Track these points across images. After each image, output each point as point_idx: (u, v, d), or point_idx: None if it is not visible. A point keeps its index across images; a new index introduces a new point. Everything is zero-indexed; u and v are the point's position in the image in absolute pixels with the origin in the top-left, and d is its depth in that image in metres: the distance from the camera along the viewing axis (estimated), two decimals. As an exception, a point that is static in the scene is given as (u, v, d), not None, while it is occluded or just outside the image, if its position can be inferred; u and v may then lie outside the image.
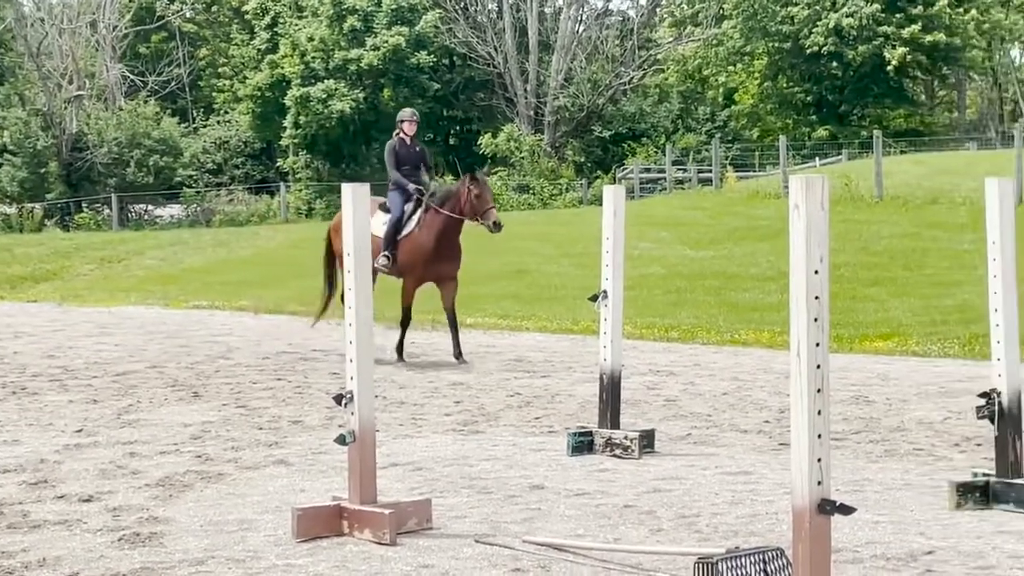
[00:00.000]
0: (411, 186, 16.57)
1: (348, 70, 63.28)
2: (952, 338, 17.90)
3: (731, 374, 15.11)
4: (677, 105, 70.36)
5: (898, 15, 64.39)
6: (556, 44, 69.06)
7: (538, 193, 59.61)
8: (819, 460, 5.41)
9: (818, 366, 5.45)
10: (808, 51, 65.81)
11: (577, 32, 70.90)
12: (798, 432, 5.44)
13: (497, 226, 16.18)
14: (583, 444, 9.89)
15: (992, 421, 7.94)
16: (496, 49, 68.25)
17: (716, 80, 71.76)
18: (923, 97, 78.74)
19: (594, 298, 10.12)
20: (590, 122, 68.17)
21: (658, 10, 77.46)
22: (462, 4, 68.68)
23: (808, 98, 69.10)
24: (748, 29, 67.61)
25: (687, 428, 11.22)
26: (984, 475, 8.08)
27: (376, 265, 16.07)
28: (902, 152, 53.24)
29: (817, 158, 55.65)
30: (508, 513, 7.83)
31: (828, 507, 5.41)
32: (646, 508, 7.94)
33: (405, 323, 16.89)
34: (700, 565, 6.05)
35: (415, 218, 16.58)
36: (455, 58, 70.65)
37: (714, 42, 69.90)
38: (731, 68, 70.89)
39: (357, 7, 63.41)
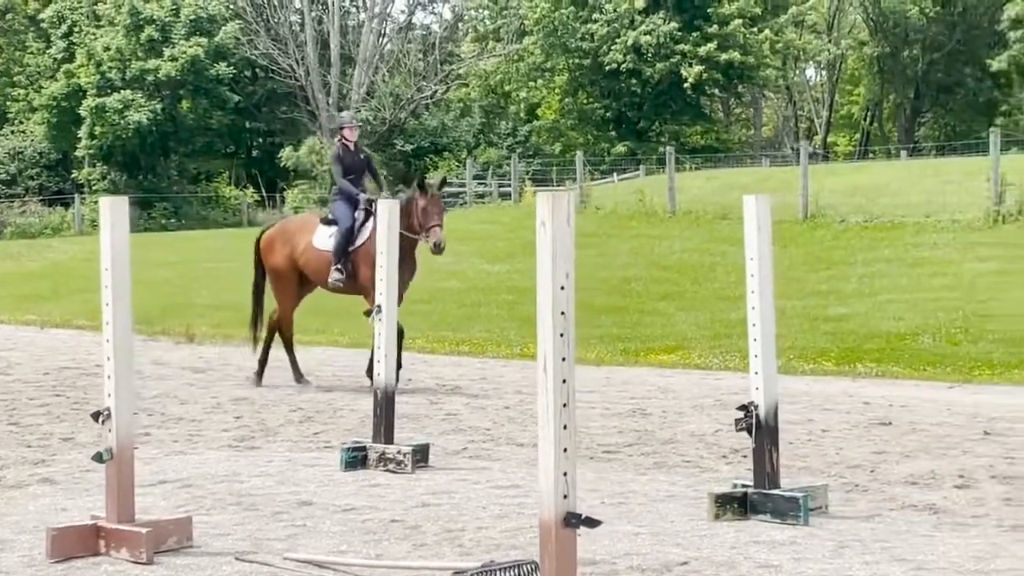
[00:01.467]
0: (361, 197, 15.25)
1: (145, 80, 62.33)
2: (734, 351, 18.24)
3: (516, 388, 15.20)
4: (479, 120, 70.73)
5: (694, 34, 65.61)
6: (358, 57, 68.95)
7: (340, 206, 59.42)
8: (565, 474, 5.46)
9: (564, 381, 5.50)
10: (608, 68, 66.70)
11: (380, 46, 70.89)
12: (545, 447, 5.48)
13: (438, 248, 14.67)
14: (356, 459, 9.84)
15: (750, 433, 8.10)
16: (298, 62, 67.89)
17: (518, 95, 72.38)
18: (720, 114, 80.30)
19: (368, 313, 10.10)
20: (392, 136, 68.20)
21: (461, 25, 77.83)
22: (263, 16, 68.13)
23: (607, 114, 69.98)
24: (549, 45, 68.26)
25: (464, 442, 11.25)
26: (743, 486, 8.24)
27: (330, 282, 15.24)
28: (698, 168, 54.13)
29: (615, 173, 56.31)
30: (273, 530, 7.76)
31: (574, 520, 5.45)
32: (412, 523, 7.93)
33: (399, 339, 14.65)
34: (456, 580, 6.09)
35: (368, 227, 14.96)
36: (257, 70, 70.10)
37: (516, 58, 70.44)
38: (532, 84, 71.49)
39: (155, 17, 62.52)
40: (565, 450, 5.47)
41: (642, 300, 24.52)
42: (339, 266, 15.05)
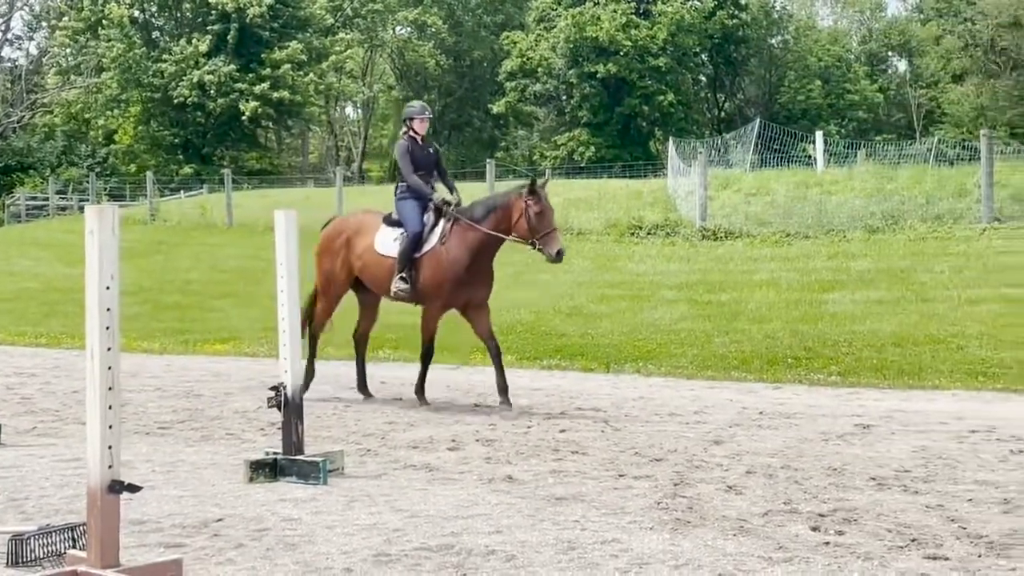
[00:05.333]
0: (435, 196, 11.79)
1: None
2: (268, 341, 18.14)
3: (84, 374, 14.60)
4: (61, 143, 67.82)
5: (251, 75, 65.09)
6: (-50, 84, 64.93)
7: (-68, 216, 55.96)
8: (110, 447, 5.30)
9: (109, 367, 5.36)
10: (176, 101, 65.29)
11: (-30, 75, 66.97)
12: (92, 424, 5.32)
13: (560, 255, 11.18)
14: (-67, 440, 9.24)
15: (280, 409, 8.09)
16: None
17: (97, 122, 69.74)
18: (274, 143, 79.84)
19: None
20: (-18, 154, 64.60)
21: (45, 59, 74.37)
22: None
23: (176, 140, 68.47)
24: (124, 80, 66.19)
25: (35, 422, 10.74)
26: (274, 453, 8.21)
27: (392, 291, 11.79)
28: (253, 188, 53.70)
29: (183, 191, 55.14)
30: None
31: (117, 487, 5.31)
32: (-20, 494, 7.52)
33: (427, 358, 11.96)
34: (14, 542, 5.81)
35: (438, 231, 11.63)
36: None
37: (95, 90, 67.95)
38: (110, 113, 69.02)
39: None
40: (110, 427, 5.32)
41: (202, 299, 24.09)
42: (404, 274, 11.64)
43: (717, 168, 34.18)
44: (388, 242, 11.84)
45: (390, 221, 11.96)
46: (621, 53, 69.27)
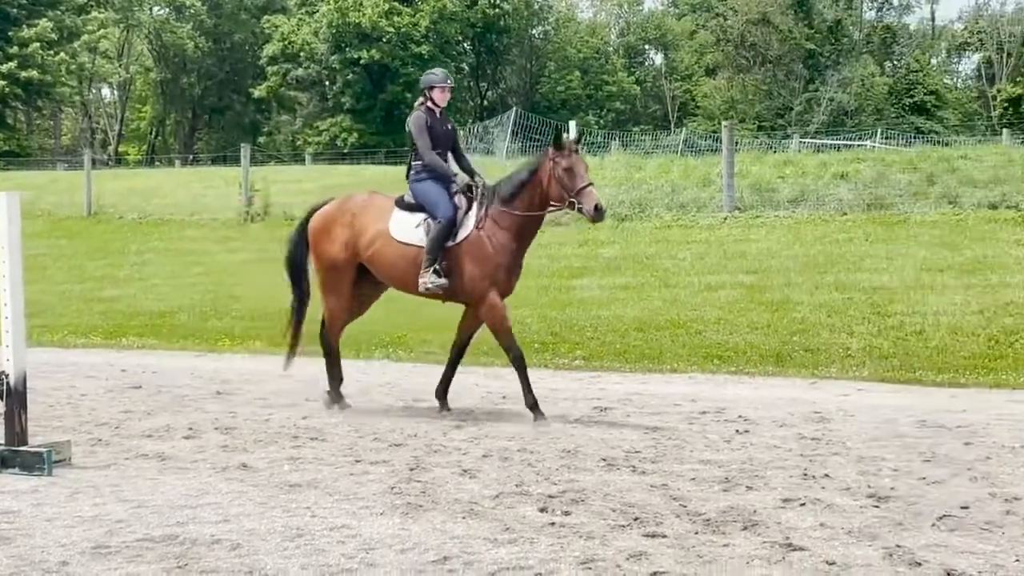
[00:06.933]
0: (458, 178, 10.27)
1: None
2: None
3: None
4: None
5: (-2, 52, 62.57)
6: None
7: None
8: None
9: None
10: (-84, 78, 62.23)
11: None
12: None
13: (600, 212, 9.59)
14: None
15: (2, 398, 7.79)
16: None
17: None
18: (23, 124, 76.81)
19: None
20: None
21: None
22: None
23: (-84, 119, 65.32)
24: None
25: None
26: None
27: (425, 285, 10.06)
28: (2, 170, 51.64)
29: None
30: None
31: None
32: None
33: (521, 363, 10.01)
34: None
35: (472, 215, 10.06)
36: None
37: None
38: None
39: None
40: None
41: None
42: (437, 266, 9.98)
43: (477, 155, 34.42)
44: (408, 228, 10.20)
45: (404, 204, 10.34)
46: (384, 40, 69.15)
